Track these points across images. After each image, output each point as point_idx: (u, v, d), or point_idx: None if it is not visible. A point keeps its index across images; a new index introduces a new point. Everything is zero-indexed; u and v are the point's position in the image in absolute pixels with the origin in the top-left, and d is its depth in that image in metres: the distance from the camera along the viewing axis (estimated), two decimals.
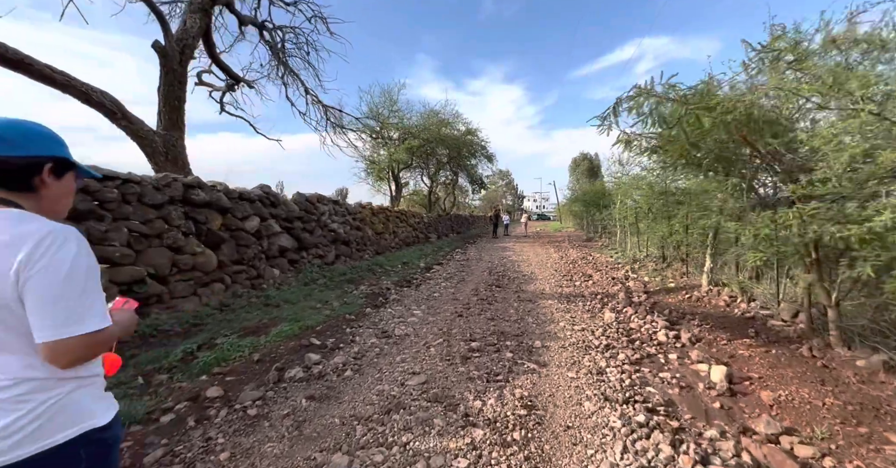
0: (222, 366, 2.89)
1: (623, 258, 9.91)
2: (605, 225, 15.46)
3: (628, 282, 6.91)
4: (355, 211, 8.91)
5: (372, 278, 6.94)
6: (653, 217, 7.66)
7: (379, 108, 14.90)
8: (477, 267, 9.18)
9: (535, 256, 11.31)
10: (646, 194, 8.13)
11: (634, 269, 8.09)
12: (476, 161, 21.70)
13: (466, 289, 6.50)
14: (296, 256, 6.51)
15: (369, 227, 9.77)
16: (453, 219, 21.79)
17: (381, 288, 6.02)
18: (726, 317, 4.31)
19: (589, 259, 10.36)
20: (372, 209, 10.00)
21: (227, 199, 4.78)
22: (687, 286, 6.05)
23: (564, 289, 6.44)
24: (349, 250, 8.38)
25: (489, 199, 60.10)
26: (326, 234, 7.57)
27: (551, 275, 7.88)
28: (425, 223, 15.40)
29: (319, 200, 7.41)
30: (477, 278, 7.57)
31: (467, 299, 5.65)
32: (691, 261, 6.66)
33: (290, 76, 7.38)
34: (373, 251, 9.86)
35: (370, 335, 3.90)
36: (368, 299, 5.38)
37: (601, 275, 7.81)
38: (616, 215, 10.66)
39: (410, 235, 13.20)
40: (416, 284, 6.72)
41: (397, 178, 16.13)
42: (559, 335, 4.05)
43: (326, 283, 5.99)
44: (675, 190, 7.11)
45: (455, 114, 16.50)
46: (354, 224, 8.86)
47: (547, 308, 5.19)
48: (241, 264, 5.01)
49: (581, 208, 22.05)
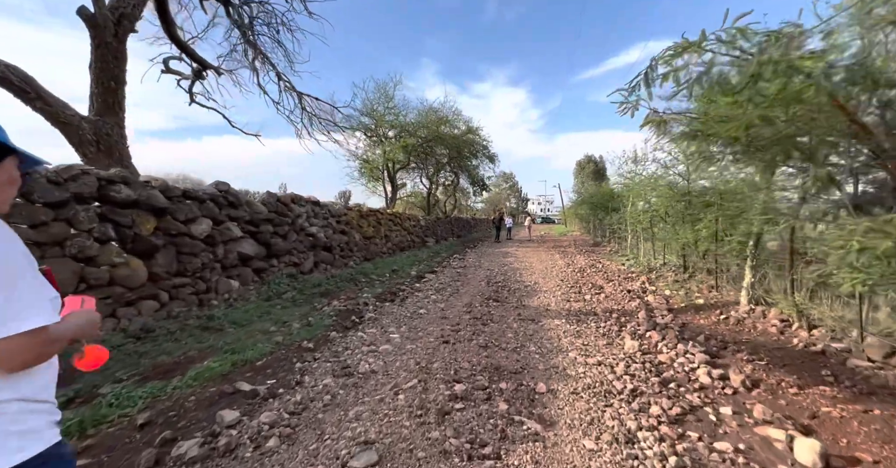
0: (90, 435, 2.03)
1: (636, 266, 8.98)
2: (615, 229, 14.50)
3: (647, 296, 5.99)
4: (339, 213, 8.07)
5: (351, 290, 6.07)
6: (673, 221, 6.73)
7: (374, 104, 14.12)
8: (474, 276, 8.29)
9: (539, 263, 10.40)
10: (664, 196, 7.20)
11: (652, 280, 7.16)
12: (478, 162, 20.87)
13: (459, 303, 5.61)
14: (263, 265, 5.66)
15: (357, 231, 8.92)
16: (453, 222, 20.92)
17: (358, 303, 5.14)
18: (784, 350, 3.38)
19: (598, 267, 9.43)
20: (360, 211, 9.16)
21: (165, 198, 3.95)
22: (719, 303, 5.12)
23: (573, 305, 5.54)
24: (331, 257, 7.53)
25: (492, 201, 59.27)
26: (303, 240, 6.73)
27: (557, 287, 6.97)
28: (422, 226, 14.54)
29: (295, 201, 6.57)
30: (473, 290, 6.68)
31: (458, 318, 4.76)
32: (721, 273, 5.72)
33: (261, 59, 6.57)
34: (361, 257, 9.01)
35: (325, 373, 3.02)
36: (339, 318, 4.51)
37: (614, 286, 6.89)
38: (628, 219, 9.73)
39: (405, 240, 12.34)
40: (401, 298, 5.84)
41: (393, 178, 15.29)
42: (569, 372, 3.16)
43: (294, 298, 5.13)
44: (702, 190, 6.19)
45: (455, 111, 15.69)
46: (339, 228, 8.01)
47: (553, 330, 4.29)
48: (185, 276, 4.17)
49: (588, 211, 21.10)
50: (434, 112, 15.38)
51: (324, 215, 7.52)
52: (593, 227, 21.22)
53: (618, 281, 7.44)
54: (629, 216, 9.76)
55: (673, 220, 6.66)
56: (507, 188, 66.51)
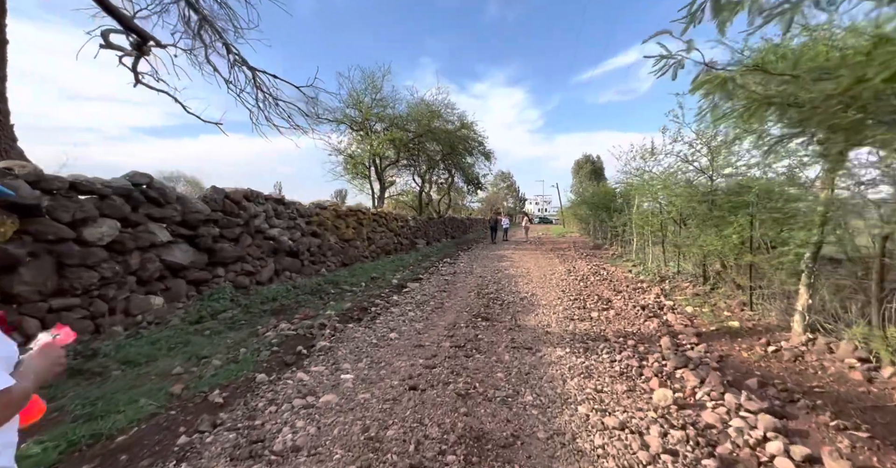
0: None
1: (645, 274, 8.03)
2: (618, 231, 13.57)
3: (665, 313, 5.04)
4: (310, 212, 7.06)
5: (313, 306, 5.07)
6: (695, 224, 5.77)
7: (360, 95, 13.05)
8: (464, 284, 7.31)
9: (536, 269, 9.44)
10: (681, 195, 6.25)
11: (666, 292, 6.21)
12: (473, 159, 19.87)
13: (441, 323, 4.64)
14: (204, 275, 4.66)
15: (332, 234, 7.92)
16: (447, 222, 19.93)
17: (314, 325, 4.15)
18: (886, 411, 2.41)
19: (602, 274, 8.48)
20: (337, 211, 8.15)
21: (37, 191, 2.94)
22: (759, 328, 4.17)
23: (578, 326, 4.57)
24: (298, 264, 6.54)
25: (489, 201, 58.36)
26: (262, 244, 5.72)
27: (558, 299, 6.01)
28: (411, 227, 13.53)
29: (250, 198, 5.56)
30: (460, 303, 5.70)
31: (436, 346, 3.79)
32: (756, 288, 4.76)
33: (207, 29, 5.53)
34: (337, 263, 8.01)
35: (219, 455, 2.03)
36: (281, 349, 3.51)
37: (624, 299, 5.93)
38: (635, 220, 8.78)
39: (391, 242, 11.34)
40: (371, 315, 4.86)
41: (381, 175, 14.24)
42: (582, 445, 2.20)
43: (234, 318, 4.13)
44: (731, 188, 5.23)
45: (447, 104, 14.64)
46: (308, 230, 7.01)
47: (555, 365, 3.33)
48: (72, 295, 3.17)
49: (587, 212, 20.19)
50: (426, 105, 14.36)
51: (290, 215, 6.51)
52: (593, 229, 20.31)
53: (627, 292, 6.49)
54: (636, 218, 8.81)
55: (694, 223, 5.70)
56: (505, 188, 65.64)
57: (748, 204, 4.42)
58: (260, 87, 5.17)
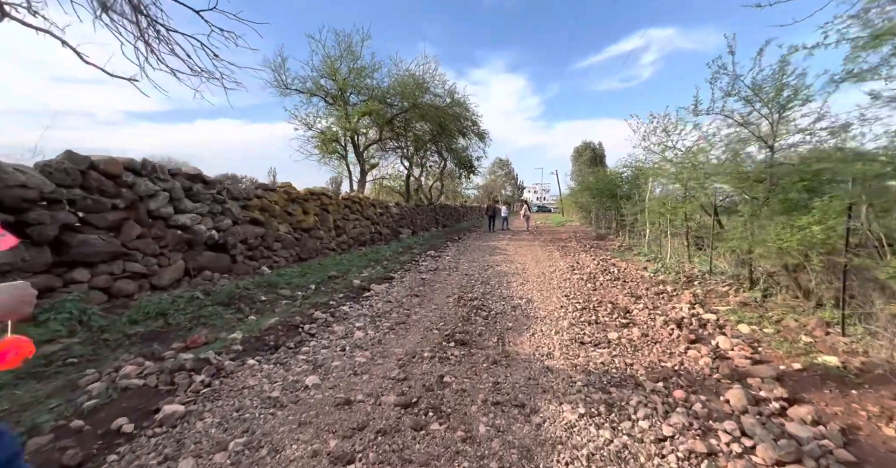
0: None
1: (665, 272, 6.61)
2: (627, 220, 12.12)
3: (712, 334, 3.63)
4: (247, 194, 5.54)
5: (218, 324, 3.60)
6: (748, 212, 4.29)
7: (334, 62, 11.27)
8: (444, 286, 5.88)
9: (534, 264, 8.01)
10: (729, 174, 4.75)
11: (701, 299, 4.79)
12: (467, 142, 18.20)
13: (397, 351, 3.22)
14: (49, 282, 3.17)
15: (282, 221, 6.41)
16: (438, 210, 18.40)
17: (185, 365, 2.68)
18: None
19: (613, 271, 7.05)
20: (290, 194, 6.62)
21: None
22: (872, 367, 2.74)
23: (592, 356, 3.17)
24: (227, 260, 5.06)
25: (487, 188, 56.71)
26: (163, 234, 4.23)
27: (561, 309, 4.59)
28: (394, 215, 12.01)
29: (138, 171, 4.02)
30: (432, 316, 4.28)
31: (372, 405, 2.38)
32: (848, 301, 3.32)
33: None
34: (291, 257, 6.53)
35: None
36: (86, 424, 2.06)
37: (647, 309, 4.52)
38: (655, 208, 7.29)
39: (367, 231, 9.85)
40: (296, 341, 3.41)
41: (361, 156, 12.55)
42: None
43: (60, 354, 2.65)
44: (810, 160, 3.75)
45: (434, 74, 12.83)
46: (245, 216, 5.51)
47: (566, 453, 1.91)
48: None
49: (590, 199, 18.70)
50: (412, 77, 12.60)
51: (214, 197, 4.99)
52: (596, 217, 18.87)
53: (648, 298, 5.07)
54: (656, 205, 7.31)
55: (746, 210, 4.23)
56: (503, 175, 63.89)
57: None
58: (143, 11, 3.59)
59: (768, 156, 4.09)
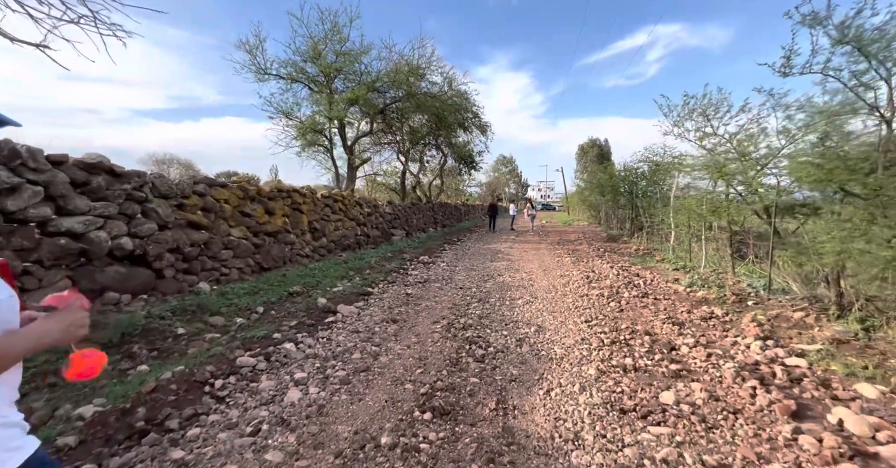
0: None
1: (704, 286, 5.39)
2: (644, 220, 10.88)
3: (820, 401, 2.42)
4: (182, 191, 4.38)
5: (64, 389, 2.45)
6: (857, 213, 3.06)
7: (318, 44, 10.03)
8: (433, 304, 4.72)
9: (541, 273, 6.82)
10: (819, 167, 3.54)
11: (769, 330, 3.58)
12: (468, 136, 16.96)
13: (340, 434, 2.11)
14: None
15: (235, 224, 5.25)
16: (436, 208, 17.19)
17: None
18: None
19: (638, 284, 5.84)
20: (245, 190, 5.44)
21: None
22: None
23: (643, 443, 1.98)
24: (149, 276, 3.91)
25: (490, 186, 55.39)
26: (38, 244, 3.08)
27: (583, 346, 3.41)
28: (385, 215, 10.83)
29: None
30: (406, 361, 3.12)
31: None
32: None
33: None
34: (248, 267, 5.38)
35: None
36: None
37: (699, 345, 3.34)
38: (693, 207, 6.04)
39: (352, 234, 8.67)
40: (187, 416, 2.26)
41: (350, 149, 11.30)
42: None
43: None
44: None
45: (430, 60, 11.51)
46: (180, 219, 4.35)
47: None
48: None
49: (599, 197, 17.44)
50: (406, 63, 11.36)
51: (128, 195, 3.83)
52: (606, 217, 17.60)
53: (695, 325, 3.88)
54: (693, 203, 6.06)
55: (850, 211, 3.00)
56: (507, 173, 62.50)
57: None
58: None
59: (884, 133, 2.89)
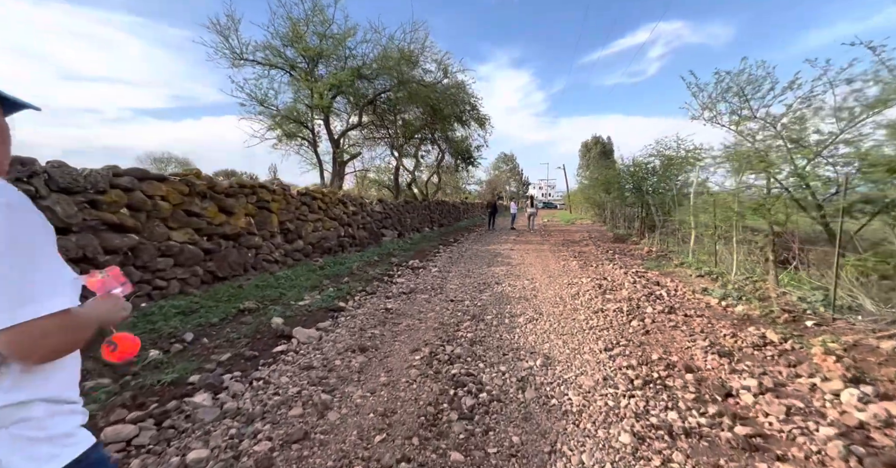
0: None
1: (742, 299, 4.50)
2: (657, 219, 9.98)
3: None
4: (96, 184, 3.49)
5: None
6: None
7: (299, 25, 9.07)
8: (416, 323, 3.84)
9: (546, 280, 5.93)
10: None
11: (854, 366, 2.68)
12: (466, 131, 16.05)
13: None
14: None
15: (177, 225, 4.36)
16: (433, 207, 16.29)
17: None
18: None
19: (660, 295, 4.96)
20: (191, 184, 4.53)
21: None
22: None
23: None
24: None
25: (491, 184, 54.41)
26: None
27: (607, 391, 2.54)
28: (374, 214, 9.93)
29: None
30: (365, 420, 2.26)
31: None
32: None
33: None
34: (196, 277, 4.50)
35: None
36: None
37: (766, 391, 2.45)
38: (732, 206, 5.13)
39: (333, 236, 7.78)
40: None
41: (336, 143, 10.37)
42: None
43: None
44: None
45: (423, 46, 10.52)
46: (93, 220, 3.47)
47: None
48: None
49: (604, 195, 16.54)
50: (396, 48, 10.38)
51: None
52: (612, 215, 16.69)
53: (747, 355, 2.99)
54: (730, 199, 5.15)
55: None
56: (508, 171, 61.50)
57: None
58: None
59: None
